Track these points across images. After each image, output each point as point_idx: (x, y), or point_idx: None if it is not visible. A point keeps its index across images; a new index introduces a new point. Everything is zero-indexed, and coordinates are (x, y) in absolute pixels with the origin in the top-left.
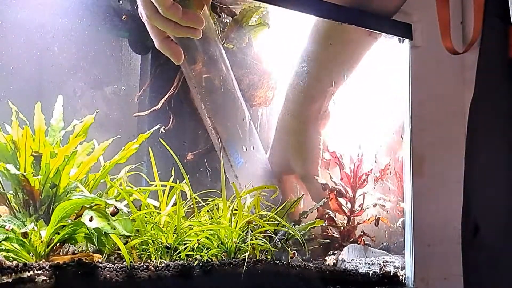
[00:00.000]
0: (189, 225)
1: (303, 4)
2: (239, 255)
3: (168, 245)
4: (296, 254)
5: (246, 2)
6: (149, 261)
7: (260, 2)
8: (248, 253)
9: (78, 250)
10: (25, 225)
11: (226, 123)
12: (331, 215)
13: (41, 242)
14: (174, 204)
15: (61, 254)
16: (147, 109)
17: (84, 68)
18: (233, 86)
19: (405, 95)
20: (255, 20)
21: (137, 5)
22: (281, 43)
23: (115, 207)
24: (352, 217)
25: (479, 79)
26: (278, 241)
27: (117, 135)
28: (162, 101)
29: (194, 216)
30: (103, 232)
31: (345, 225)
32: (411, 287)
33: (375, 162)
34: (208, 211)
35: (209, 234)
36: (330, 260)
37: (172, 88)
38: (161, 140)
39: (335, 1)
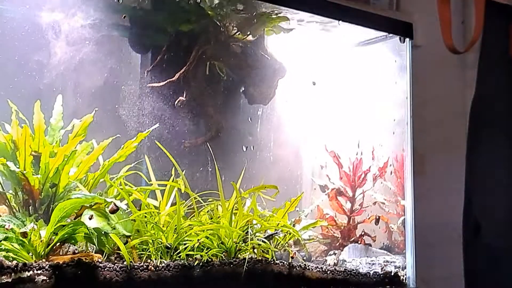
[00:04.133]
0: (189, 224)
1: (305, 3)
2: (239, 255)
3: (168, 245)
4: (297, 254)
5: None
6: (149, 261)
7: (262, 2)
8: (248, 252)
9: (78, 250)
10: (25, 225)
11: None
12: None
13: (41, 241)
14: (174, 203)
15: (61, 254)
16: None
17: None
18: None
19: (406, 94)
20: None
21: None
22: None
23: (115, 204)
24: (352, 217)
25: (480, 78)
26: (270, 238)
27: (119, 131)
28: (178, 74)
29: (194, 215)
30: (103, 232)
31: (346, 224)
32: (412, 287)
33: (373, 159)
34: (208, 211)
35: (209, 234)
36: (330, 260)
37: (188, 63)
38: (157, 142)
39: None
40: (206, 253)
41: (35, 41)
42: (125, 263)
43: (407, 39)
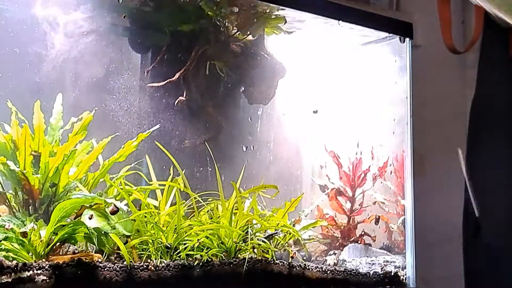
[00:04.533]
0: (189, 224)
1: (305, 3)
2: (239, 255)
3: (168, 244)
4: (297, 254)
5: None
6: (149, 260)
7: (262, 2)
8: (248, 252)
9: (78, 250)
10: (25, 225)
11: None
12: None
13: (41, 241)
14: (174, 203)
15: (61, 253)
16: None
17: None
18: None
19: (406, 94)
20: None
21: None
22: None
23: (115, 205)
24: (352, 217)
25: (480, 78)
26: (270, 237)
27: (119, 131)
28: (178, 74)
29: (194, 215)
30: (103, 232)
31: (346, 224)
32: (412, 287)
33: (372, 159)
34: (208, 211)
35: (209, 234)
36: (330, 260)
37: (188, 63)
38: (157, 143)
39: None
40: (206, 253)
41: (34, 42)
42: (125, 263)
43: (407, 39)
